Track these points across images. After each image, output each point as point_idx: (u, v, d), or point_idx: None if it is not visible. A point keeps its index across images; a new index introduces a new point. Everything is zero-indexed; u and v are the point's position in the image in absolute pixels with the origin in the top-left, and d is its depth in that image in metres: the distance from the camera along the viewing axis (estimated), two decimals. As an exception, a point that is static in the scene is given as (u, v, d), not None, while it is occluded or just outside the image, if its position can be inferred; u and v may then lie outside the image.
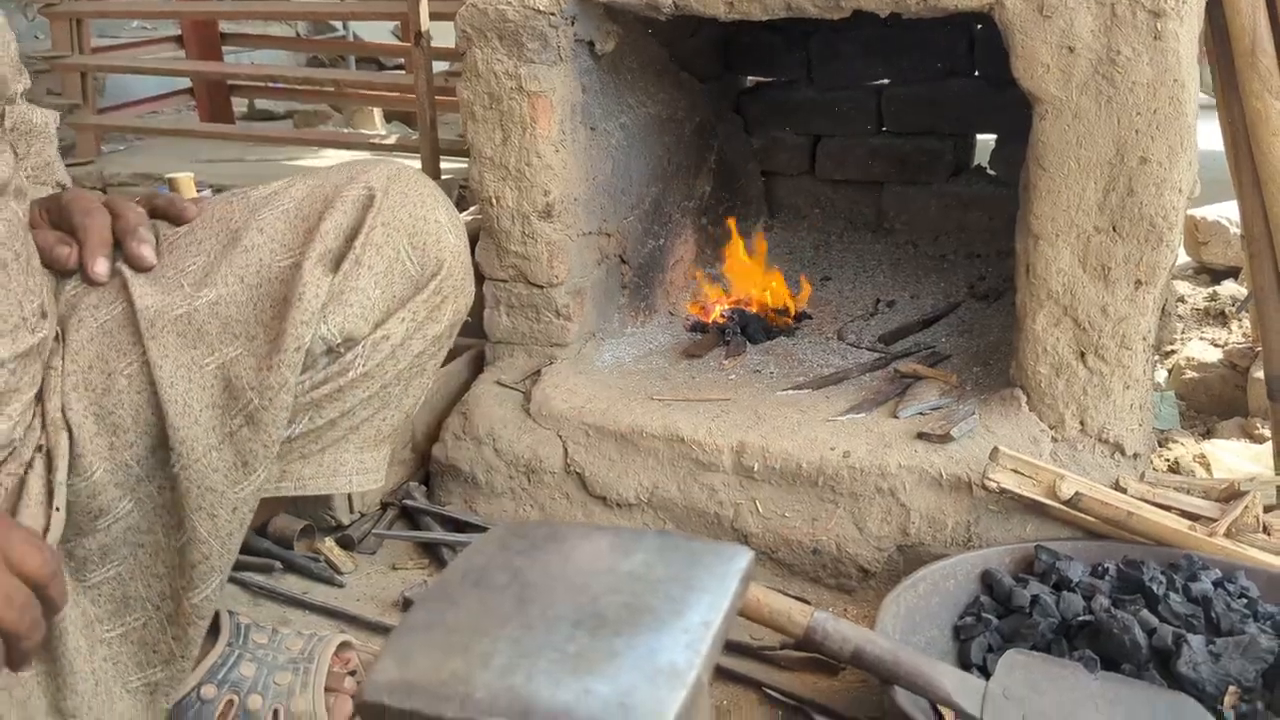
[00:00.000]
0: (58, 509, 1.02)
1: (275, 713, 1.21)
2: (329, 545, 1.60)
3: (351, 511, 1.65)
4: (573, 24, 1.65)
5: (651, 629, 0.70)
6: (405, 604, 1.46)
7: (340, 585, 1.54)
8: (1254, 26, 1.39)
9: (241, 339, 1.04)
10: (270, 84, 4.22)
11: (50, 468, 1.02)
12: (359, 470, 1.18)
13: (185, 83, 4.15)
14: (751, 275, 2.12)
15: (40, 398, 1.03)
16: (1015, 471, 1.37)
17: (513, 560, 0.79)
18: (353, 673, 1.26)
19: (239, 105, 4.52)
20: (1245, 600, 1.24)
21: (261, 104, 4.87)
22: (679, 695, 0.65)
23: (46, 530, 1.00)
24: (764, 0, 1.51)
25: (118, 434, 1.04)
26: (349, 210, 1.07)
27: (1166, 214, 1.36)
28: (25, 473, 1.01)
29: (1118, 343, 1.45)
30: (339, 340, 1.06)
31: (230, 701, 1.20)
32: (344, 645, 1.26)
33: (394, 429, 1.20)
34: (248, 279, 1.05)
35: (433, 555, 1.60)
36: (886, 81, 2.33)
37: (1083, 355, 1.46)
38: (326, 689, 1.21)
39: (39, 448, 1.02)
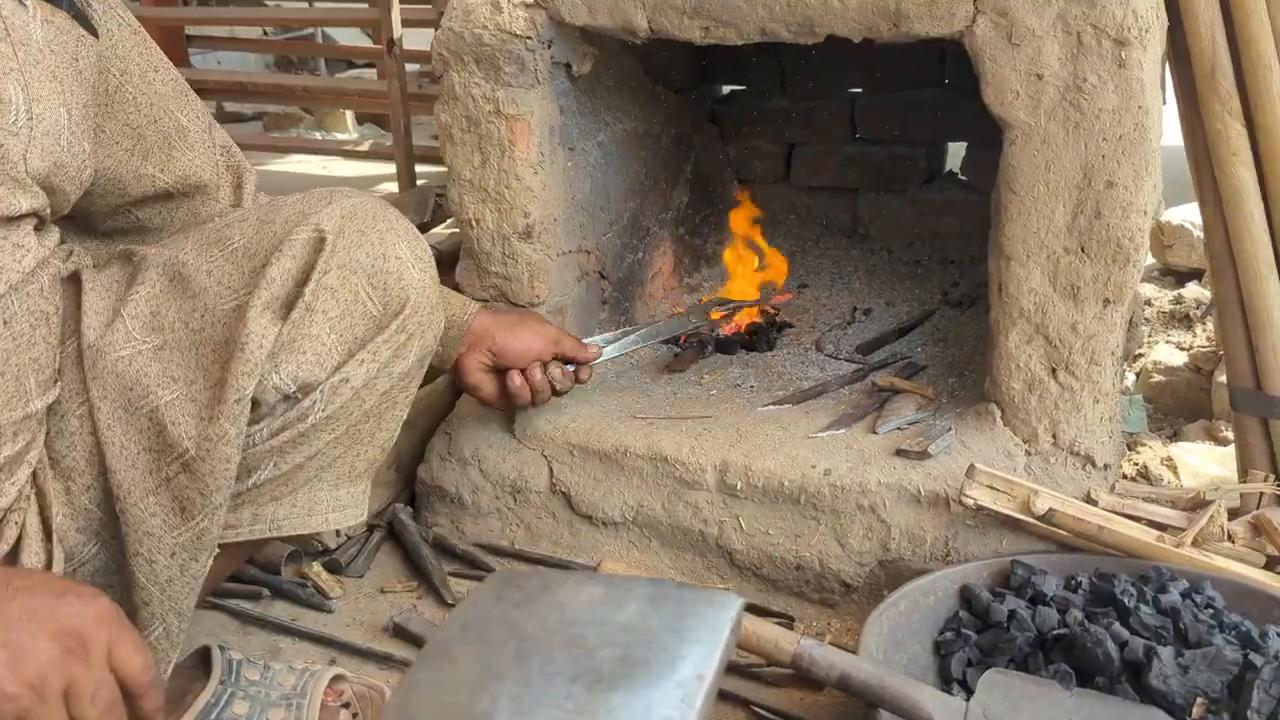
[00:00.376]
0: (60, 541, 1.03)
1: None
2: (316, 570, 1.62)
3: (338, 535, 1.67)
4: (549, 47, 1.66)
5: (646, 683, 0.73)
6: (395, 629, 1.49)
7: (329, 610, 1.55)
8: (1213, 50, 1.43)
9: (180, 382, 1.02)
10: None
11: (44, 504, 1.03)
12: (335, 508, 1.16)
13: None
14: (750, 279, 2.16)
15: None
16: (991, 488, 1.41)
17: (509, 613, 0.81)
18: (346, 705, 1.28)
19: (207, 108, 4.49)
20: (1212, 610, 1.29)
21: (231, 106, 4.84)
22: (675, 750, 0.68)
23: (49, 565, 1.02)
24: (739, 26, 1.53)
25: (72, 478, 1.04)
26: (298, 254, 1.04)
27: (1133, 236, 1.40)
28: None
29: (1087, 359, 1.49)
30: (293, 388, 1.04)
31: None
32: (336, 678, 1.28)
33: (370, 464, 1.19)
34: (192, 324, 1.04)
35: (422, 578, 1.62)
36: (859, 90, 2.36)
37: (1054, 371, 1.50)
38: None
39: (33, 487, 1.04)
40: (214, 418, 1.00)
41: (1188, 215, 2.43)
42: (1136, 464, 1.82)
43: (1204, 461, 1.81)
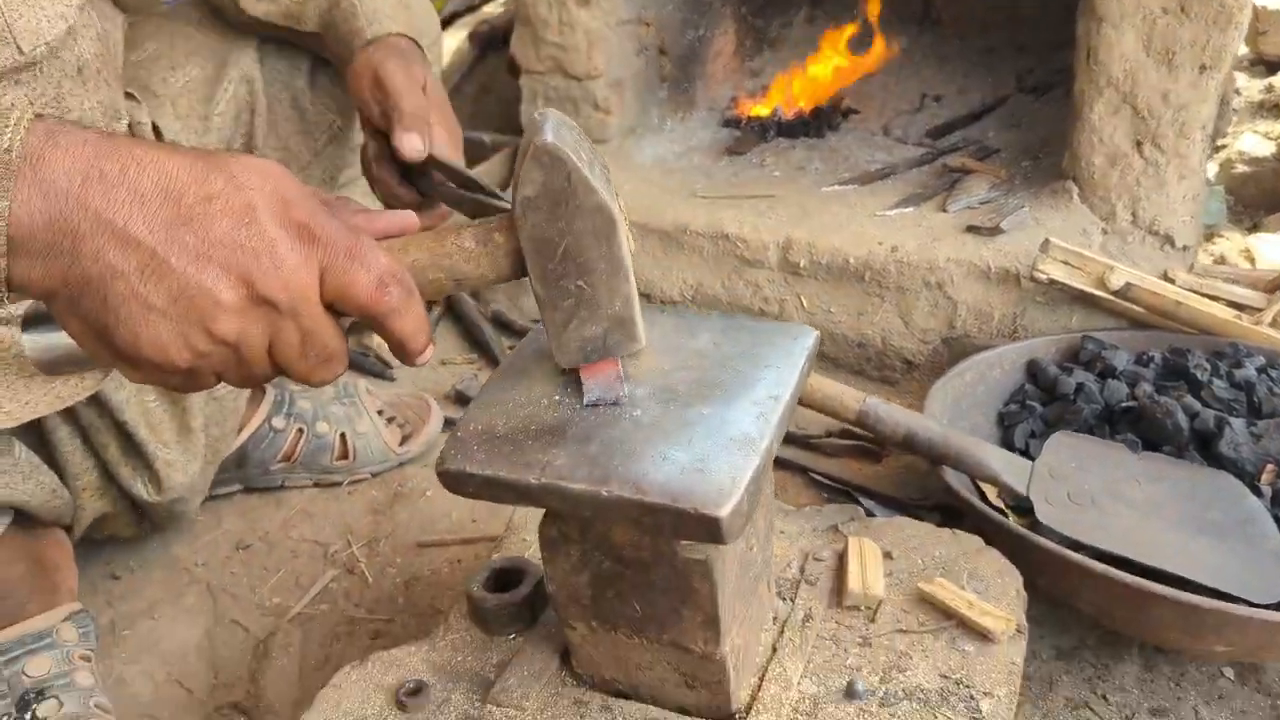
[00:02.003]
0: None
1: (342, 436, 1.36)
2: (378, 341, 1.63)
3: (399, 310, 1.67)
4: None
5: (722, 401, 0.72)
6: (457, 395, 1.50)
7: (390, 379, 1.58)
8: None
9: (302, 73, 1.21)
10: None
11: None
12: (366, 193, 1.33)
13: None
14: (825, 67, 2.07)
15: None
16: (1065, 263, 1.37)
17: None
18: (390, 419, 1.40)
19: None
20: (1288, 385, 1.26)
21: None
22: (753, 462, 0.68)
23: None
24: None
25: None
26: None
27: (1240, -9, 1.30)
28: None
29: (1176, 131, 1.41)
30: None
31: (300, 430, 1.34)
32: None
33: None
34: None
35: (481, 350, 1.62)
36: None
37: (1139, 145, 1.43)
38: None
39: None
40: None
41: (1287, -1, 2.26)
42: (1214, 255, 1.76)
43: (1284, 251, 1.74)
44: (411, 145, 1.01)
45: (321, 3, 1.15)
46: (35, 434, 1.01)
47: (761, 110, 1.97)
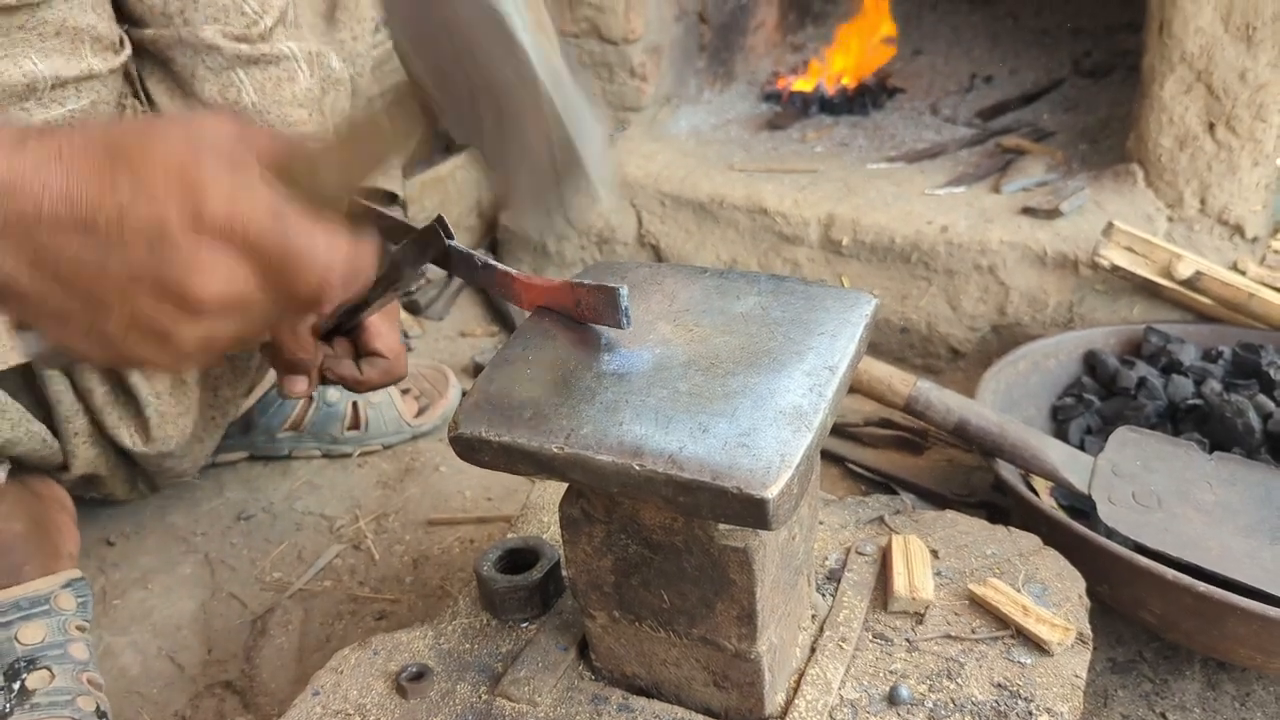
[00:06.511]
0: None
1: (354, 404, 1.29)
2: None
3: (419, 276, 1.60)
4: None
5: (771, 370, 0.64)
6: (476, 369, 1.43)
7: (409, 349, 1.51)
8: None
9: (320, 37, 1.12)
10: None
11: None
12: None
13: None
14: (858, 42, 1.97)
15: None
16: (1129, 249, 1.28)
17: (613, 299, 0.73)
18: (405, 390, 1.34)
19: None
20: (1368, 389, 1.16)
21: None
22: (805, 438, 0.60)
23: None
24: None
25: None
26: None
27: (1334, -39, 1.20)
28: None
29: (1252, 114, 1.31)
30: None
31: (309, 397, 1.27)
32: None
33: None
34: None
35: (502, 323, 1.55)
36: None
37: (1212, 127, 1.34)
38: None
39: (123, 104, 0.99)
40: (358, 36, 1.14)
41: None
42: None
43: (1356, 251, 1.64)
44: (295, 389, 0.90)
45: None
46: (24, 374, 0.95)
47: (804, 85, 1.88)
